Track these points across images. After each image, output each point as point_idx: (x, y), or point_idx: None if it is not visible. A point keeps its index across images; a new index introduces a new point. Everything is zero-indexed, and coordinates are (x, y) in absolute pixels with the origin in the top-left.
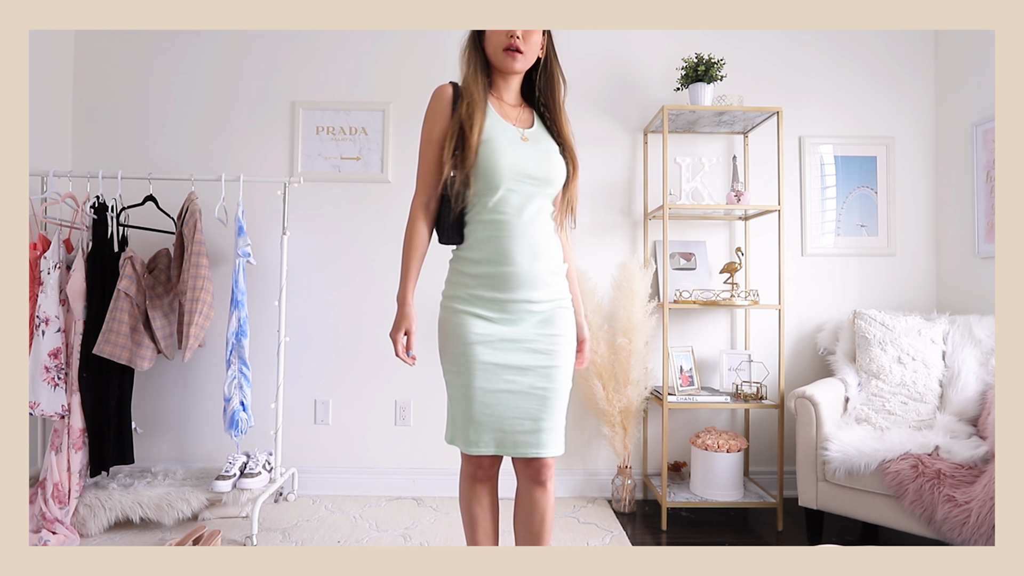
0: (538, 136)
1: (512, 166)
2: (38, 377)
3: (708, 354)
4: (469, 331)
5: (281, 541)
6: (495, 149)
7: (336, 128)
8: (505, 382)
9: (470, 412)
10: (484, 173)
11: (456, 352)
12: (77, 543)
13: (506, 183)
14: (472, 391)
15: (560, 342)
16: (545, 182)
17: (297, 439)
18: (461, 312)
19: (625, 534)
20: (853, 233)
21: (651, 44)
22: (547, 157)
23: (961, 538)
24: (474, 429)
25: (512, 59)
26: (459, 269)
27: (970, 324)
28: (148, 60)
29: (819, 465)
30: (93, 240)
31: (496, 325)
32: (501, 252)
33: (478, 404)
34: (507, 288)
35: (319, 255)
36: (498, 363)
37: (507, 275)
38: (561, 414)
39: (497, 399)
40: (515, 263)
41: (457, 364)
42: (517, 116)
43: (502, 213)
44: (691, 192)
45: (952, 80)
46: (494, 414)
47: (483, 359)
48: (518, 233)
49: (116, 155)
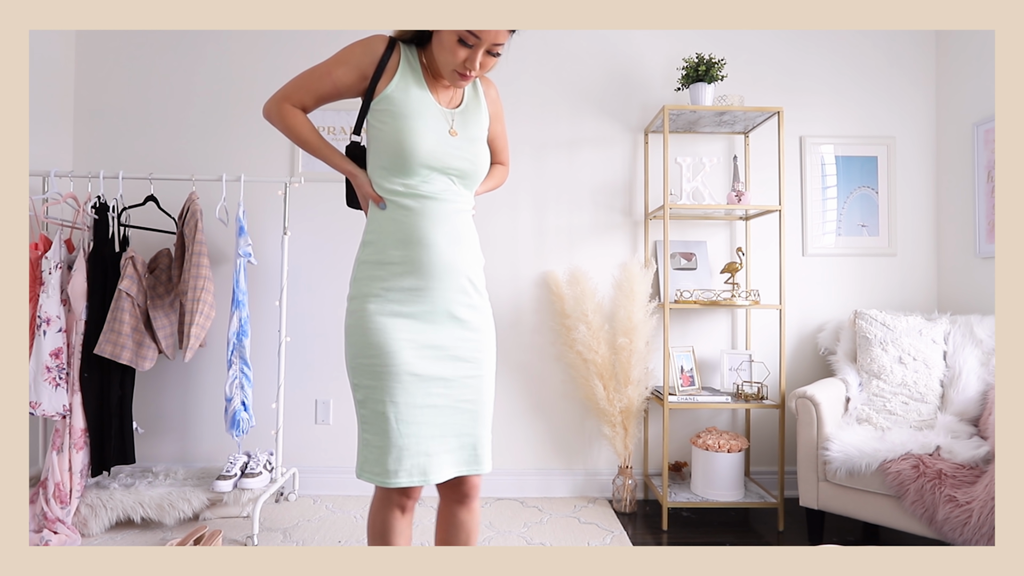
0: (465, 119)
1: (432, 154)
2: (39, 377)
3: (709, 354)
4: (388, 335)
5: (282, 541)
6: (414, 130)
7: (337, 128)
8: (430, 395)
9: (388, 435)
10: (398, 153)
11: (372, 362)
12: (78, 543)
13: (421, 172)
14: (394, 408)
15: (484, 347)
16: (466, 175)
17: (298, 439)
18: (376, 313)
19: (626, 534)
20: (854, 233)
21: (652, 44)
22: (471, 146)
23: (962, 538)
24: (394, 456)
25: (462, 79)
26: (368, 260)
27: (971, 324)
28: (149, 60)
29: (820, 465)
30: (94, 240)
31: (417, 324)
32: (419, 233)
33: (401, 424)
34: (427, 274)
35: (320, 255)
36: (422, 374)
37: (426, 260)
38: (489, 427)
39: (422, 416)
40: (435, 244)
41: (374, 376)
42: (450, 98)
43: (419, 197)
44: (692, 192)
45: (952, 80)
46: (419, 434)
47: (407, 369)
48: (437, 217)
49: (117, 155)
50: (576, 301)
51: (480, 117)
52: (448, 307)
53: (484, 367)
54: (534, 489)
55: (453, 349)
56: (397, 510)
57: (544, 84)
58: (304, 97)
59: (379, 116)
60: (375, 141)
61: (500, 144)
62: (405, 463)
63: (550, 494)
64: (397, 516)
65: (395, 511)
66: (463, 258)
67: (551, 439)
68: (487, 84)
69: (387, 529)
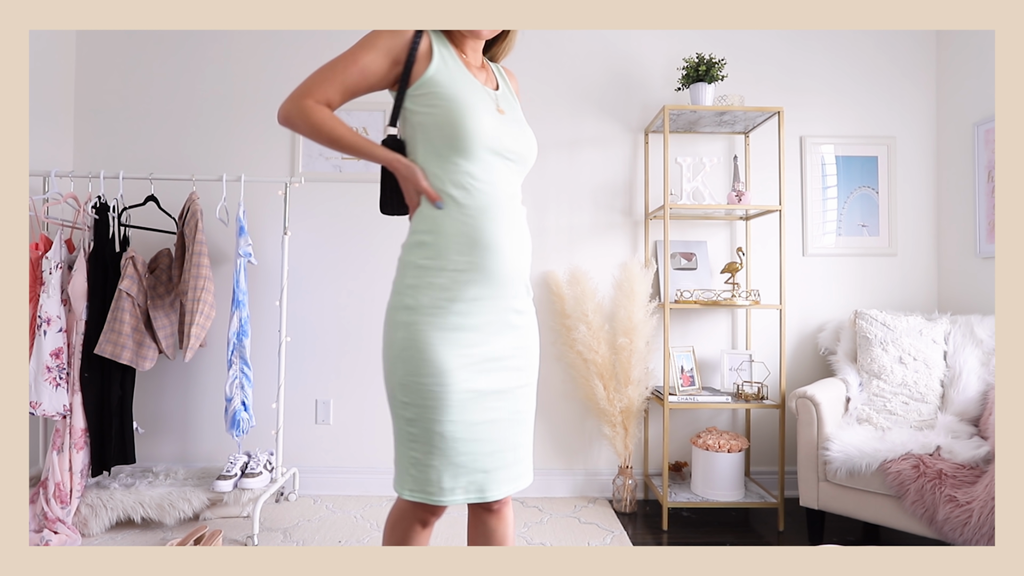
0: (507, 101)
1: (491, 134)
2: (40, 377)
3: (709, 354)
4: (448, 353)
5: (282, 541)
6: (470, 106)
7: None
8: (487, 411)
9: (445, 454)
10: (456, 135)
11: (427, 382)
12: (79, 543)
13: (481, 156)
14: (451, 427)
15: (532, 355)
16: (523, 159)
17: (298, 439)
18: (436, 328)
19: (626, 534)
20: (854, 233)
21: (652, 44)
22: (521, 128)
23: (963, 538)
24: (450, 475)
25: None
26: (426, 265)
27: (971, 324)
28: (149, 60)
29: (820, 465)
30: (95, 240)
31: (477, 336)
32: (486, 237)
33: (459, 442)
34: (493, 282)
35: (320, 255)
36: (479, 389)
37: (493, 267)
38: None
39: (480, 432)
40: (502, 249)
41: (429, 397)
42: (485, 78)
43: (479, 190)
44: (692, 192)
45: (953, 80)
46: (477, 452)
47: (464, 387)
48: (501, 214)
49: (117, 155)
50: (576, 301)
51: (516, 101)
52: (506, 316)
53: (532, 375)
54: (534, 489)
55: (508, 359)
56: (418, 524)
57: (544, 84)
58: (329, 91)
59: (423, 101)
60: (423, 129)
61: None
62: (461, 480)
63: (550, 494)
64: (418, 529)
65: (416, 525)
66: (525, 262)
67: (551, 439)
68: (512, 76)
69: (407, 542)
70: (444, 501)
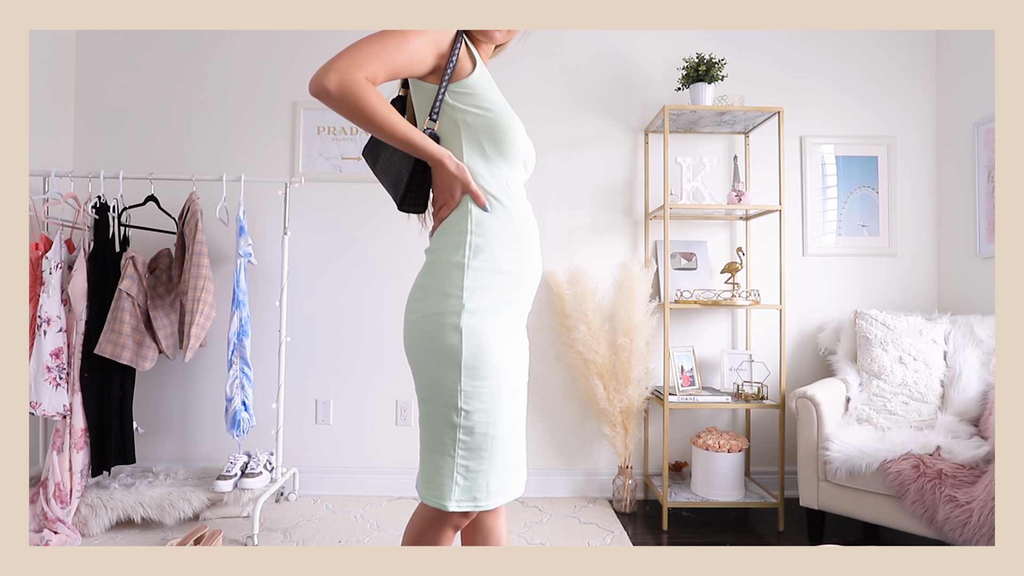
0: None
1: (526, 145)
2: (40, 377)
3: (709, 354)
4: (504, 353)
5: (282, 541)
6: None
7: (337, 128)
8: (521, 407)
9: (493, 456)
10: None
11: (490, 384)
12: (79, 543)
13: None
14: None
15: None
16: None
17: (298, 439)
18: (496, 330)
19: (626, 534)
20: (854, 233)
21: (652, 44)
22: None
23: (962, 538)
24: (496, 476)
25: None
26: (483, 268)
27: (971, 324)
28: (150, 60)
29: (820, 465)
30: (95, 240)
31: (516, 336)
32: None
33: (507, 441)
34: (533, 284)
35: (320, 255)
36: (523, 386)
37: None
38: None
39: (518, 430)
40: (537, 251)
41: (486, 400)
42: None
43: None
44: (692, 192)
45: (953, 80)
46: (516, 450)
47: (513, 386)
48: (532, 220)
49: (118, 155)
50: (576, 301)
51: None
52: (527, 315)
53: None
54: (534, 489)
55: (526, 357)
56: (451, 530)
57: (544, 84)
58: (377, 68)
59: (469, 101)
60: (470, 129)
61: None
62: (505, 480)
63: (550, 494)
64: (450, 535)
65: (449, 531)
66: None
67: (551, 439)
68: None
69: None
70: (491, 505)
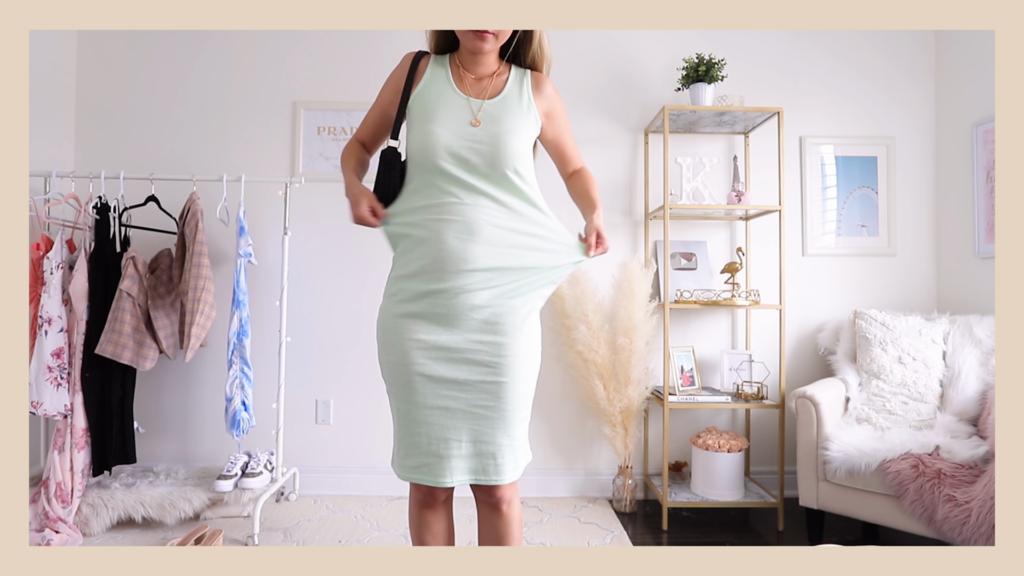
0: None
1: (447, 146)
2: (41, 377)
3: (709, 354)
4: (404, 335)
5: (283, 541)
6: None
7: (337, 128)
8: (441, 398)
9: (413, 436)
10: (416, 149)
11: (391, 360)
12: (80, 542)
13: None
14: (409, 408)
15: (508, 352)
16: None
17: (298, 439)
18: (396, 314)
19: (626, 534)
20: (854, 233)
21: (652, 44)
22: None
23: (961, 538)
24: (408, 452)
25: (481, 40)
26: (394, 261)
27: (970, 324)
28: (150, 61)
29: (820, 465)
30: (95, 240)
31: (431, 325)
32: (430, 232)
33: (414, 423)
34: (437, 277)
35: (320, 255)
36: (433, 376)
37: (436, 259)
38: (515, 435)
39: (432, 417)
40: (445, 242)
41: (393, 374)
42: (482, 89)
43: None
44: (692, 192)
45: (952, 80)
46: (430, 435)
47: (421, 370)
48: (453, 214)
49: (118, 155)
50: (576, 301)
51: (518, 108)
52: (463, 316)
53: (509, 374)
54: (534, 489)
55: (469, 353)
56: (418, 505)
57: None
58: (362, 131)
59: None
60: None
61: (565, 146)
62: (415, 459)
63: (550, 494)
64: (421, 511)
65: (417, 506)
66: (479, 257)
67: (551, 439)
68: (538, 80)
69: (418, 522)
70: (404, 477)
